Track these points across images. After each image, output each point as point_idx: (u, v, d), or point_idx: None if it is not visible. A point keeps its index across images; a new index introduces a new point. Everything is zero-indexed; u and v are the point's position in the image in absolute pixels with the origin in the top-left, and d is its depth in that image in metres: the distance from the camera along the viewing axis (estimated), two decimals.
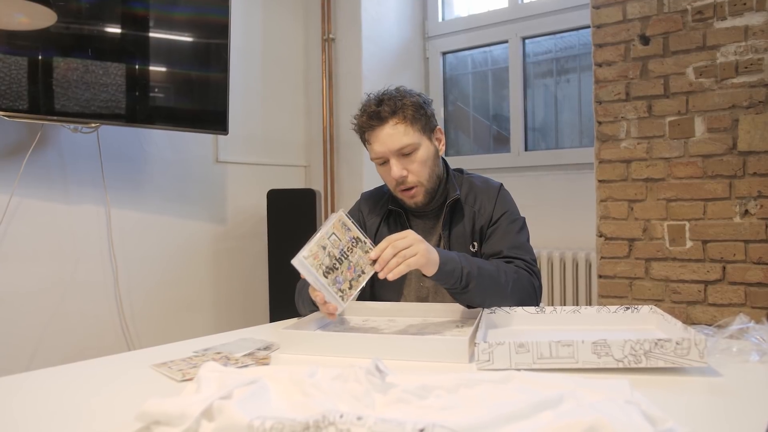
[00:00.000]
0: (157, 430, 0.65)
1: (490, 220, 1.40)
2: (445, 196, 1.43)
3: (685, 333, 0.91)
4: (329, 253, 1.07)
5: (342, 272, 1.08)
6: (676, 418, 0.60)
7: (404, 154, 1.34)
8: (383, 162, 1.38)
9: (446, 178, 1.45)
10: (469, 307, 1.27)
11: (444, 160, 1.48)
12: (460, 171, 1.51)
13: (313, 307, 1.28)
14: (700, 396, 0.78)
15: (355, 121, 1.42)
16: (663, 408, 0.62)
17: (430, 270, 1.13)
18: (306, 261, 1.05)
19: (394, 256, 1.08)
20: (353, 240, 1.10)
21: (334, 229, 1.09)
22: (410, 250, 1.09)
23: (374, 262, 1.09)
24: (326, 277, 1.06)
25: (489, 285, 1.21)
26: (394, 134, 1.33)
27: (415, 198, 1.39)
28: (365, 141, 1.41)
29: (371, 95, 1.39)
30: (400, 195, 1.40)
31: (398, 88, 1.40)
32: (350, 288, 1.09)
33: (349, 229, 1.10)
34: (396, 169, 1.34)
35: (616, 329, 1.10)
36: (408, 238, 1.10)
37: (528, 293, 1.29)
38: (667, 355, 0.83)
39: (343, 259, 1.08)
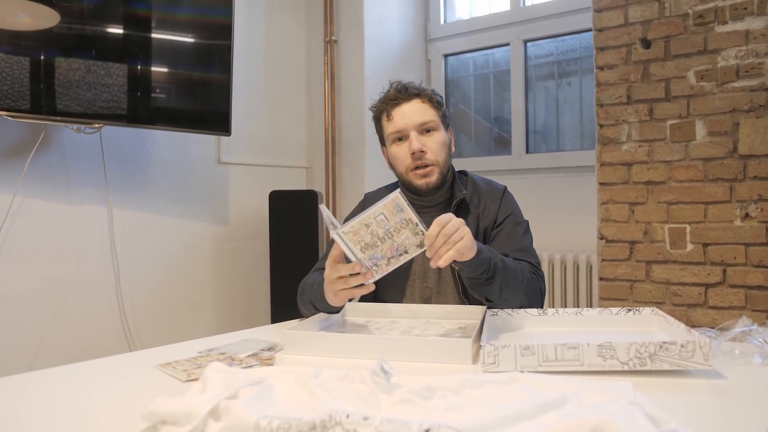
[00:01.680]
0: (163, 429, 0.65)
1: (494, 222, 1.41)
2: (450, 195, 1.44)
3: (688, 336, 0.91)
4: (372, 231, 1.04)
5: (382, 250, 1.06)
6: (680, 420, 0.61)
7: (425, 130, 1.38)
8: (400, 138, 1.39)
9: (452, 178, 1.46)
10: (488, 301, 1.25)
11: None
12: (464, 173, 1.52)
13: (315, 309, 1.29)
14: (704, 398, 0.78)
15: (374, 105, 1.44)
16: (666, 410, 0.62)
17: (469, 255, 1.10)
18: (345, 236, 1.03)
19: (444, 243, 1.06)
20: (404, 221, 1.05)
21: (384, 210, 1.04)
22: (458, 234, 1.07)
23: (422, 244, 1.06)
24: (363, 253, 1.05)
25: (510, 279, 1.21)
26: (418, 109, 1.37)
27: (429, 177, 1.38)
28: (385, 116, 1.41)
29: (396, 81, 1.44)
30: (412, 175, 1.39)
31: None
32: (387, 264, 1.07)
33: (401, 210, 1.05)
34: (416, 142, 1.35)
35: (618, 331, 1.11)
36: (454, 220, 1.08)
37: (536, 294, 1.30)
38: (672, 358, 0.84)
39: (386, 238, 1.05)
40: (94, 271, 2.31)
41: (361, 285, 1.10)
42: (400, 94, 1.39)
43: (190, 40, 2.40)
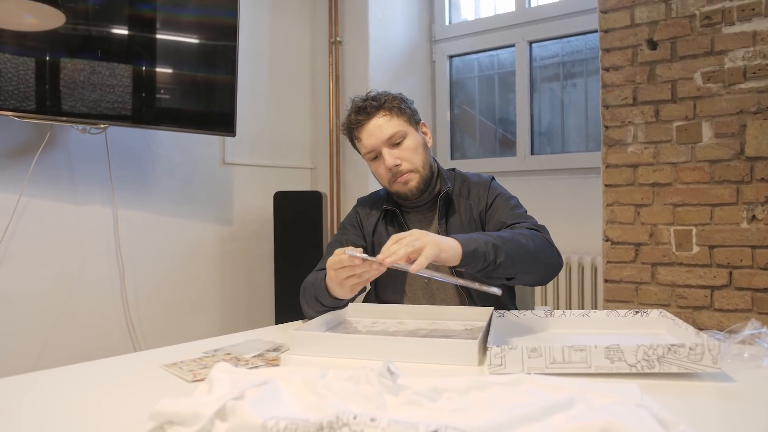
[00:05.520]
0: (170, 429, 0.65)
1: (486, 206, 1.44)
2: (437, 190, 1.46)
3: (697, 338, 0.91)
4: None
5: None
6: (689, 423, 0.60)
7: (394, 143, 1.39)
8: (375, 156, 1.41)
9: (438, 174, 1.48)
10: (508, 280, 1.21)
11: (434, 159, 1.51)
12: (452, 170, 1.56)
13: (319, 305, 1.28)
14: (713, 401, 0.77)
15: (343, 126, 1.47)
16: (675, 412, 0.62)
17: (453, 259, 1.09)
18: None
19: (404, 246, 1.05)
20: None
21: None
22: (419, 242, 1.05)
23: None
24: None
25: (515, 249, 1.18)
26: (382, 124, 1.38)
27: (410, 184, 1.40)
28: (355, 139, 1.45)
29: (356, 98, 1.45)
30: (394, 186, 1.42)
31: (379, 92, 1.46)
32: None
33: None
34: (389, 158, 1.37)
35: (626, 333, 1.10)
36: (413, 232, 1.09)
37: (547, 247, 1.29)
38: (681, 361, 0.83)
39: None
40: (98, 271, 2.32)
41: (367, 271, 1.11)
42: (360, 115, 1.40)
43: (195, 41, 2.40)
